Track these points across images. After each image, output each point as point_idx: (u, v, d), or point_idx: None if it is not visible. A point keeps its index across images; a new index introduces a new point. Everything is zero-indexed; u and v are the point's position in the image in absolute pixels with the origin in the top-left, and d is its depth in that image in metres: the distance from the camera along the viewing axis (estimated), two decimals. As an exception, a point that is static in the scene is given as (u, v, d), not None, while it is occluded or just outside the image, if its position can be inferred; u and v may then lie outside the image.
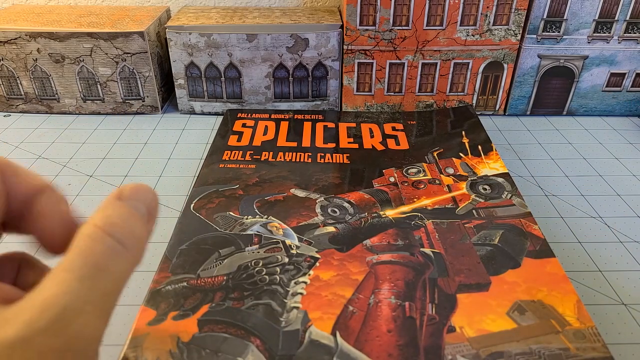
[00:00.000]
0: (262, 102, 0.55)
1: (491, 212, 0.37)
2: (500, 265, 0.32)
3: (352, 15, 0.50)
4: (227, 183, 0.40)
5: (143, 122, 0.54)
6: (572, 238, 0.37)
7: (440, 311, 0.28)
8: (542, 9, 0.50)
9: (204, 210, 0.37)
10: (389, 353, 0.25)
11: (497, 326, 0.27)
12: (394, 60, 0.53)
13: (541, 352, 0.25)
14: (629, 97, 0.55)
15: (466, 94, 0.55)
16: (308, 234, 0.34)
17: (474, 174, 0.42)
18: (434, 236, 0.34)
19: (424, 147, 0.46)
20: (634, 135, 0.52)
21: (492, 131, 0.52)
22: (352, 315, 0.28)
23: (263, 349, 0.26)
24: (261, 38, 0.51)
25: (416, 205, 0.38)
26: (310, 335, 0.26)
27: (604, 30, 0.51)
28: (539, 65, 0.53)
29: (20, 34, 0.51)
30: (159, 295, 0.29)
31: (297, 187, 0.40)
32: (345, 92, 0.55)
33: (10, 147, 0.49)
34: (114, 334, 0.28)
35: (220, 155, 0.45)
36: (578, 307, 0.28)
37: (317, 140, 0.48)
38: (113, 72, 0.53)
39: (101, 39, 0.51)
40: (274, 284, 0.30)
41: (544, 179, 0.44)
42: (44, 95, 0.55)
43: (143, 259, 0.19)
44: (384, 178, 0.41)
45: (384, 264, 0.32)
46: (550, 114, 0.56)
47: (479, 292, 0.30)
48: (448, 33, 0.51)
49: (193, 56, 0.52)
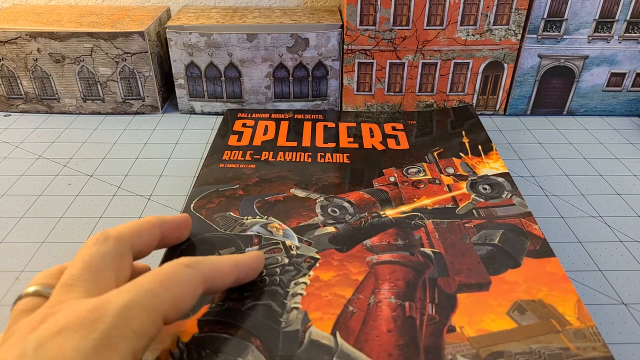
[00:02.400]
0: (262, 102, 0.55)
1: (491, 211, 0.37)
2: (501, 265, 0.32)
3: (352, 15, 0.50)
4: (227, 183, 0.40)
5: (143, 122, 0.54)
6: (572, 238, 0.37)
7: (440, 311, 0.28)
8: (542, 9, 0.50)
9: (204, 210, 0.37)
10: (389, 353, 0.25)
11: (497, 326, 0.27)
12: (394, 60, 0.53)
13: (541, 352, 0.25)
14: (630, 97, 0.55)
15: (466, 94, 0.55)
16: (308, 234, 0.34)
17: (474, 174, 0.42)
18: (434, 236, 0.34)
19: (424, 147, 0.46)
20: (634, 135, 0.52)
21: (492, 131, 0.52)
22: (352, 316, 0.28)
23: (263, 349, 0.26)
24: (261, 38, 0.51)
25: (416, 205, 0.38)
26: (310, 336, 0.26)
27: (604, 30, 0.51)
28: (539, 65, 0.53)
29: (20, 34, 0.51)
30: (159, 295, 0.29)
31: (297, 186, 0.40)
32: (345, 92, 0.55)
33: (10, 147, 0.49)
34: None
35: (220, 155, 0.45)
36: (578, 306, 0.28)
37: (317, 140, 0.47)
38: (113, 72, 0.53)
39: (101, 38, 0.51)
40: (274, 285, 0.30)
41: (544, 179, 0.44)
42: (44, 95, 0.55)
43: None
44: (384, 178, 0.41)
45: (384, 264, 0.32)
46: (551, 113, 0.56)
47: (479, 291, 0.29)
48: (448, 33, 0.51)
49: (193, 56, 0.52)
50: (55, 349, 0.19)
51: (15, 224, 0.38)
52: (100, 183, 0.43)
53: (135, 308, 0.21)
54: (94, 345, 0.19)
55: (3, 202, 0.40)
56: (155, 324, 0.22)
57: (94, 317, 0.20)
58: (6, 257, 0.35)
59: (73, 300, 0.21)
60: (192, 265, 0.24)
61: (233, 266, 0.27)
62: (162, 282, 0.23)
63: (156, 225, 0.28)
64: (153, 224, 0.28)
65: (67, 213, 0.39)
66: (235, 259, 0.28)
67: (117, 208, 0.40)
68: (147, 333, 0.21)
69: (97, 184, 0.43)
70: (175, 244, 0.30)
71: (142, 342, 0.21)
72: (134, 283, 0.22)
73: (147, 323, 0.21)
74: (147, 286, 0.22)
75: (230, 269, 0.27)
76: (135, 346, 0.20)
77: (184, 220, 0.31)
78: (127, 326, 0.20)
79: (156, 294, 0.22)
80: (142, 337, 0.21)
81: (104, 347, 0.19)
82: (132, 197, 0.41)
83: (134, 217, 0.39)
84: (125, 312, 0.20)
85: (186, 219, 0.31)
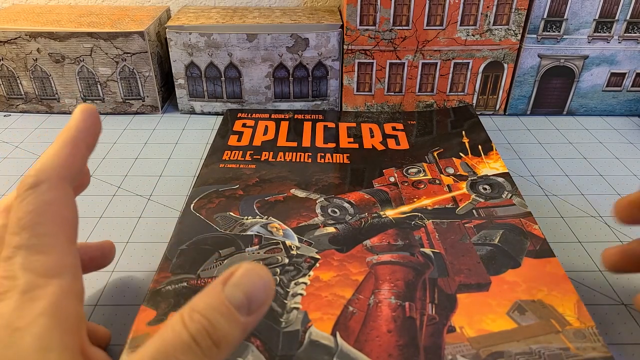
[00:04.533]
0: (262, 102, 0.55)
1: (491, 211, 0.37)
2: (500, 265, 0.32)
3: (352, 15, 0.50)
4: (227, 183, 0.40)
5: (143, 122, 0.54)
6: (572, 238, 0.37)
7: (440, 311, 0.28)
8: (542, 9, 0.50)
9: (204, 210, 0.37)
10: (389, 353, 0.25)
11: (497, 326, 0.27)
12: (394, 60, 0.53)
13: (541, 352, 0.25)
14: (629, 97, 0.55)
15: (466, 94, 0.55)
16: (308, 234, 0.34)
17: (474, 174, 0.42)
18: (434, 236, 0.34)
19: (424, 147, 0.46)
20: (634, 135, 0.52)
21: (492, 131, 0.52)
22: (352, 316, 0.28)
23: (263, 349, 0.26)
24: (261, 38, 0.51)
25: (416, 205, 0.38)
26: (310, 336, 0.26)
27: (604, 30, 0.51)
28: (539, 65, 0.53)
29: (20, 34, 0.51)
30: (159, 295, 0.29)
31: (297, 187, 0.40)
32: (345, 92, 0.55)
33: (10, 147, 0.49)
34: (114, 334, 0.28)
35: (220, 155, 0.45)
36: (578, 306, 0.28)
37: (317, 140, 0.47)
38: (113, 72, 0.53)
39: (101, 38, 0.51)
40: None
41: (544, 179, 0.44)
42: (44, 95, 0.55)
43: (227, 356, 0.19)
44: (384, 178, 0.41)
45: (384, 264, 0.32)
46: (551, 113, 0.56)
47: (479, 292, 0.30)
48: (448, 33, 0.51)
49: (193, 56, 0.52)
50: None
51: (15, 224, 0.38)
52: (100, 183, 0.43)
53: (32, 256, 0.20)
54: (15, 305, 0.19)
55: (3, 202, 0.40)
56: (63, 255, 0.21)
57: (5, 286, 0.20)
58: (6, 257, 0.35)
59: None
60: (37, 181, 0.22)
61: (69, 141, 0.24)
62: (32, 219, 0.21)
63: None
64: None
65: (67, 213, 0.39)
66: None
67: (117, 208, 0.40)
68: (61, 267, 0.21)
69: (97, 184, 0.43)
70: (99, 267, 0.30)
71: (64, 276, 0.21)
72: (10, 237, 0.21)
73: (52, 260, 0.21)
74: (24, 232, 0.21)
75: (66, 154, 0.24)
76: (60, 284, 0.20)
77: (105, 247, 0.30)
78: (36, 273, 0.20)
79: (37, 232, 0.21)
80: (60, 273, 0.21)
81: (26, 300, 0.19)
82: (132, 197, 0.41)
83: (134, 217, 0.39)
84: (27, 264, 0.20)
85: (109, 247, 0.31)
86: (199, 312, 0.18)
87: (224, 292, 0.19)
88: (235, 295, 0.19)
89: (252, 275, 0.19)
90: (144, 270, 0.32)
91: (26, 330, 0.19)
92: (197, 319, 0.18)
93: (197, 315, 0.18)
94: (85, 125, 0.25)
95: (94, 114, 0.25)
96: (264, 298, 0.20)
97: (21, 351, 0.18)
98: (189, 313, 0.19)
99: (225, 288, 0.19)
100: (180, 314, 0.19)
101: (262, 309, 0.20)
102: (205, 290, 0.19)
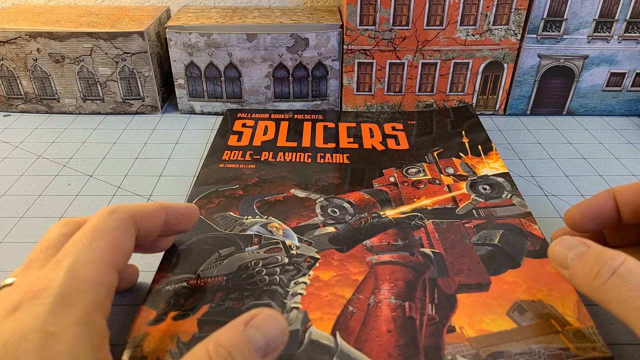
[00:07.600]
0: (262, 102, 0.55)
1: (491, 212, 0.37)
2: (500, 265, 0.32)
3: (352, 15, 0.50)
4: (227, 183, 0.40)
5: (143, 122, 0.54)
6: (572, 238, 0.37)
7: (440, 311, 0.28)
8: (542, 9, 0.50)
9: (204, 210, 0.37)
10: (389, 353, 0.25)
11: (497, 326, 0.27)
12: (394, 60, 0.53)
13: (541, 352, 0.25)
14: (629, 97, 0.55)
15: (466, 94, 0.55)
16: (308, 234, 0.34)
17: (474, 174, 0.42)
18: (434, 236, 0.34)
19: (424, 147, 0.46)
20: (634, 135, 0.52)
21: (492, 131, 0.52)
22: (352, 316, 0.28)
23: (263, 349, 0.26)
24: (261, 38, 0.51)
25: (416, 205, 0.38)
26: (310, 336, 0.26)
27: (604, 29, 0.51)
28: (539, 65, 0.53)
29: (20, 34, 0.51)
30: (159, 295, 0.29)
31: (297, 187, 0.40)
32: (345, 92, 0.55)
33: (10, 147, 0.49)
34: (114, 334, 0.28)
35: (220, 155, 0.45)
36: (578, 306, 0.28)
37: (317, 140, 0.47)
38: (113, 72, 0.53)
39: (101, 38, 0.51)
40: (273, 285, 0.30)
41: (544, 179, 0.44)
42: (44, 95, 0.55)
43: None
44: (384, 178, 0.41)
45: (384, 264, 0.32)
46: (550, 113, 0.56)
47: (479, 292, 0.30)
48: (448, 33, 0.51)
49: (193, 56, 0.52)
50: (14, 324, 0.19)
51: (15, 224, 0.38)
52: (100, 183, 0.43)
53: (79, 264, 0.22)
54: (51, 308, 0.20)
55: (3, 202, 0.40)
56: (106, 272, 0.23)
57: (43, 284, 0.21)
58: (6, 257, 0.35)
59: (22, 279, 0.22)
60: (116, 210, 0.25)
61: (159, 207, 0.27)
62: (94, 235, 0.23)
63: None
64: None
65: (67, 213, 0.39)
66: (162, 202, 0.28)
67: (117, 208, 0.40)
68: (101, 281, 0.22)
69: (96, 184, 0.43)
70: (181, 231, 0.30)
71: (100, 291, 0.22)
72: (69, 245, 0.23)
73: (96, 274, 0.22)
74: (81, 243, 0.23)
75: (156, 209, 0.27)
76: (95, 298, 0.21)
77: (190, 209, 0.30)
78: (78, 280, 0.21)
79: (93, 246, 0.23)
80: (98, 287, 0.22)
81: (61, 305, 0.20)
82: (132, 197, 0.41)
83: (134, 217, 0.39)
84: (71, 271, 0.21)
85: (192, 208, 0.30)
86: (224, 347, 0.21)
87: (245, 333, 0.21)
88: (256, 338, 0.21)
89: (272, 322, 0.22)
90: (143, 270, 0.32)
91: (60, 337, 0.19)
92: (222, 353, 0.20)
93: (222, 351, 0.20)
94: (178, 207, 0.29)
95: (193, 210, 0.30)
96: (279, 344, 0.22)
97: (55, 358, 0.19)
98: (214, 347, 0.20)
99: (246, 329, 0.21)
100: (204, 346, 0.21)
101: (275, 353, 0.22)
102: (227, 326, 0.22)
